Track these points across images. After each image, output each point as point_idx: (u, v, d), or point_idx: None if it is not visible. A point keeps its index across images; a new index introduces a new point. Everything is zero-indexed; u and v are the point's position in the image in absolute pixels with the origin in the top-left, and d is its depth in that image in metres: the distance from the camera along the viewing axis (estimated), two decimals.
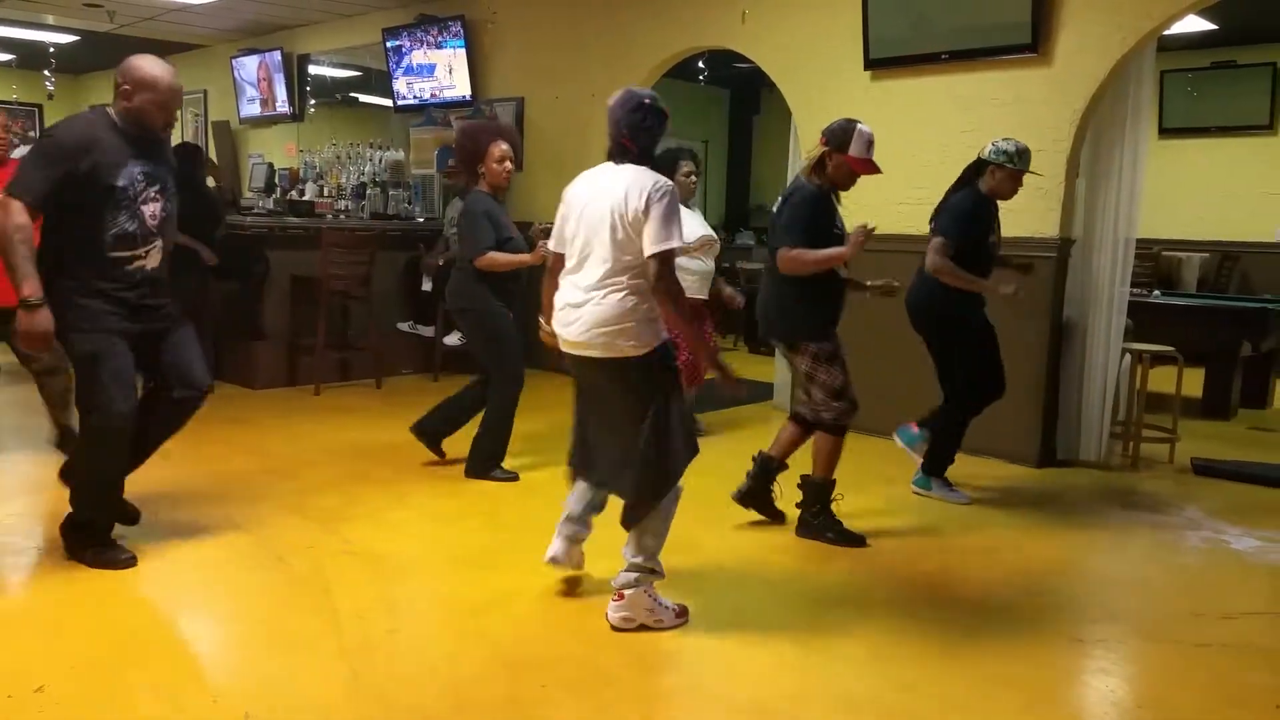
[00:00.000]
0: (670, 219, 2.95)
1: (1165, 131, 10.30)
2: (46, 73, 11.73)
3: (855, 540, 4.06)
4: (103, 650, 2.89)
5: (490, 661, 2.89)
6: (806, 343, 3.99)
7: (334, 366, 7.08)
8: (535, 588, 3.45)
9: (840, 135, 3.88)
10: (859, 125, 3.88)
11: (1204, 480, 5.27)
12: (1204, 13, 6.90)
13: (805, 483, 4.14)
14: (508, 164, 4.68)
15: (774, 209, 4.06)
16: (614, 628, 3.09)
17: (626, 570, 3.12)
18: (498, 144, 4.64)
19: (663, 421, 3.01)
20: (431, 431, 4.93)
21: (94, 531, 3.54)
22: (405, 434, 4.90)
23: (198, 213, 6.15)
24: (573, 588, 3.42)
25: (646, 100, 3.09)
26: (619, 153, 3.10)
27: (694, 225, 5.69)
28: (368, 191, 8.86)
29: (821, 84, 6.19)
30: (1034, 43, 5.21)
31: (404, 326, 7.60)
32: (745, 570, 3.74)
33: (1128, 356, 5.54)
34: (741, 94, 13.47)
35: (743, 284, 10.68)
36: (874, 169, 3.92)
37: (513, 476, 4.79)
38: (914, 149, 5.32)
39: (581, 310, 3.03)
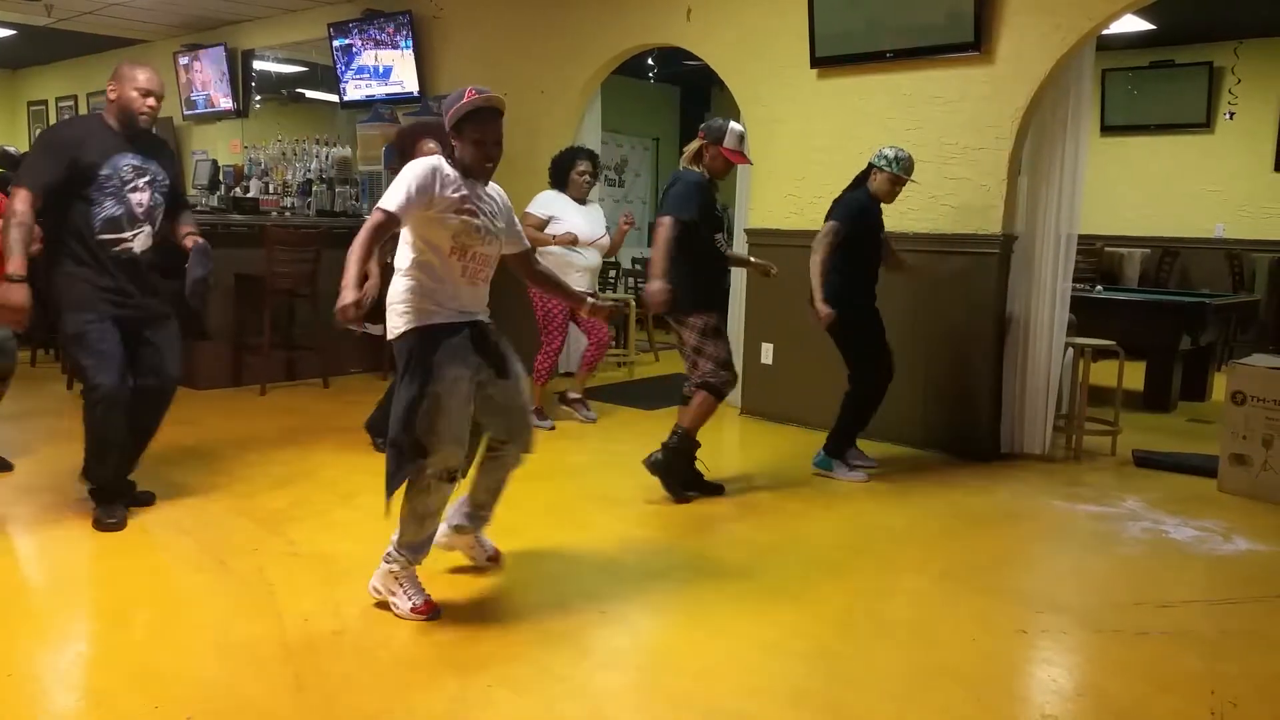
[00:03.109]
0: (393, 185, 3.12)
1: (1107, 129, 10.51)
2: None
3: (683, 498, 4.45)
4: (42, 656, 2.83)
5: (437, 663, 2.87)
6: (691, 316, 4.35)
7: (280, 366, 6.98)
8: (481, 588, 3.44)
9: (716, 131, 4.41)
10: (732, 123, 4.43)
11: (1144, 471, 5.37)
12: (1142, 13, 7.05)
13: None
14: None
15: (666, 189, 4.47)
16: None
17: (388, 551, 3.20)
18: (425, 143, 4.55)
19: (397, 400, 3.12)
20: (384, 428, 4.88)
21: (100, 494, 3.95)
22: (353, 434, 4.86)
23: None
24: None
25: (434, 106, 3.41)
26: None
27: (578, 221, 5.75)
28: (314, 188, 8.74)
29: (768, 82, 6.22)
30: (976, 41, 5.27)
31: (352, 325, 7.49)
32: (696, 568, 3.75)
33: (1070, 351, 5.63)
34: (692, 91, 13.47)
35: None
36: (744, 159, 4.50)
37: None
38: (859, 146, 5.36)
39: None
